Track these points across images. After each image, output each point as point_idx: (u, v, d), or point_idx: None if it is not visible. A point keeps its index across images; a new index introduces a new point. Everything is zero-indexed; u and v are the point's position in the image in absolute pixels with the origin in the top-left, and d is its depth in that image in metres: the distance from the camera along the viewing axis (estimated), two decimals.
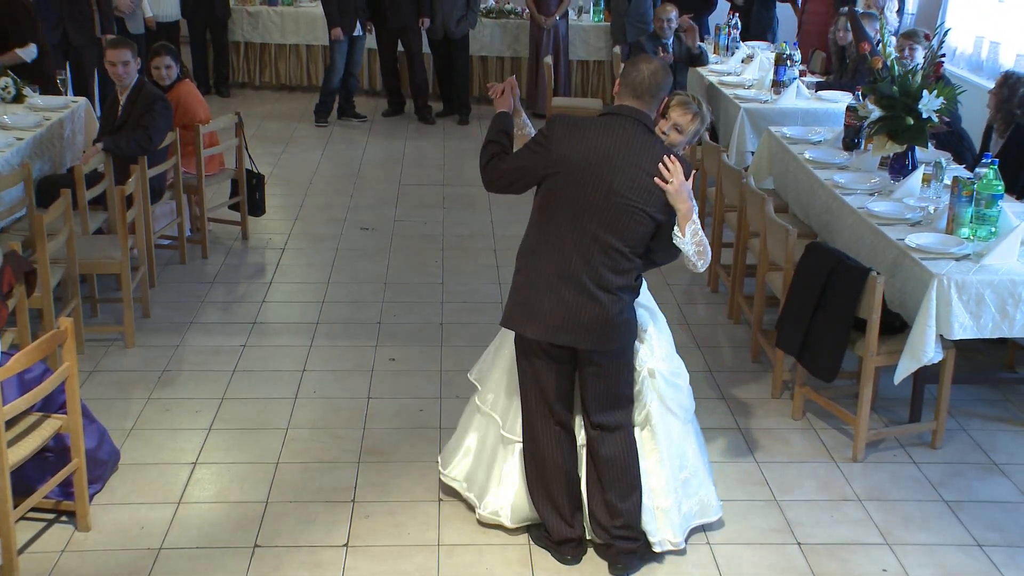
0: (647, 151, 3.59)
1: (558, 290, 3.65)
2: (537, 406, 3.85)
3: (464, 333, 5.86)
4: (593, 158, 3.58)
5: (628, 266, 3.64)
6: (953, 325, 4.41)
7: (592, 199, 3.58)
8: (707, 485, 4.04)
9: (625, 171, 3.56)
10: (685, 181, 3.58)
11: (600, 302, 3.62)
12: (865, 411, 4.61)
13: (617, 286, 3.64)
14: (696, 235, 3.62)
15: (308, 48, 11.58)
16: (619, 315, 3.66)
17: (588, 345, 3.68)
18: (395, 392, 5.20)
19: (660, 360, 3.88)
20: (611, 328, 3.66)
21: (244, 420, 4.90)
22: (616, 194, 3.56)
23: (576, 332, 3.65)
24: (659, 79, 3.63)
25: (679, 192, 3.57)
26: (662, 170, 3.57)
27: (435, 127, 10.48)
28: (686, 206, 3.58)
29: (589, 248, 3.60)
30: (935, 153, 5.80)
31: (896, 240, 4.78)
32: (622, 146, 3.58)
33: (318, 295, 6.35)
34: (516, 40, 11.19)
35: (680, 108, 3.87)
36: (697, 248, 3.65)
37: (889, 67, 5.49)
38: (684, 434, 3.96)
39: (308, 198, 8.19)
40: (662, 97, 3.67)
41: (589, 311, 3.63)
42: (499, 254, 7.03)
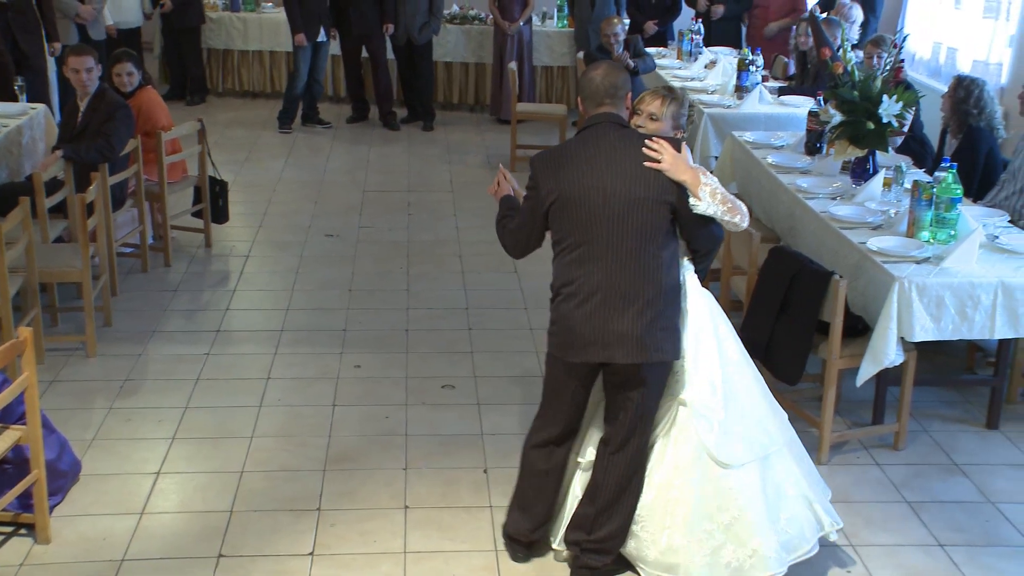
0: (628, 143, 3.55)
1: (594, 308, 3.55)
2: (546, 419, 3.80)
3: (430, 340, 5.85)
4: (579, 174, 3.54)
5: (653, 264, 3.51)
6: (914, 327, 4.45)
7: (594, 211, 3.52)
8: (767, 536, 3.64)
9: (615, 171, 3.52)
10: (678, 153, 3.50)
11: (630, 313, 3.50)
12: (829, 414, 4.64)
13: (648, 295, 3.51)
14: (716, 195, 3.49)
15: (271, 54, 11.52)
16: (651, 326, 3.51)
17: (625, 359, 3.55)
18: (360, 399, 5.17)
19: (693, 388, 3.65)
20: (648, 340, 3.52)
21: (208, 429, 4.86)
22: (615, 196, 3.51)
23: (613, 347, 3.54)
24: (612, 79, 3.61)
25: (675, 165, 3.48)
26: (648, 152, 3.51)
27: (400, 133, 10.45)
28: (688, 175, 3.48)
29: (611, 258, 3.52)
30: (896, 157, 5.86)
31: (858, 244, 4.81)
32: (603, 150, 3.55)
33: (282, 302, 6.31)
34: (480, 46, 11.19)
35: (647, 97, 3.85)
36: (725, 207, 3.51)
37: (850, 72, 5.54)
38: (731, 476, 3.63)
39: (272, 205, 8.15)
40: (623, 94, 3.62)
41: (624, 324, 3.52)
42: (465, 260, 7.02)
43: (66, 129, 6.34)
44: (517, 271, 6.70)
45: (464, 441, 4.79)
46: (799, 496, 3.78)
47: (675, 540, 3.68)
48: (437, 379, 5.39)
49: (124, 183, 6.46)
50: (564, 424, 3.79)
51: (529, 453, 3.88)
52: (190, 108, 11.07)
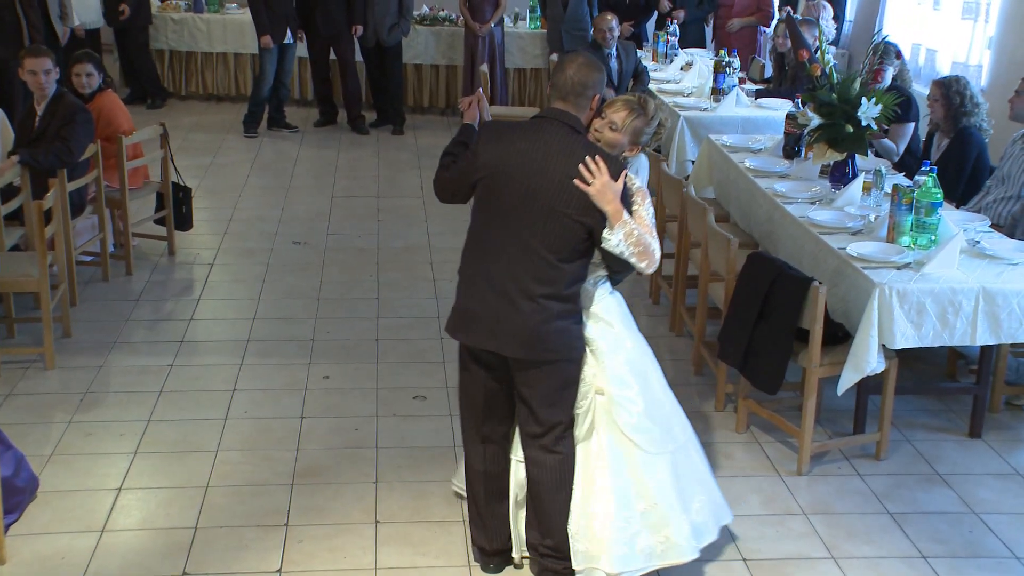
0: (570, 152, 3.53)
1: (485, 295, 3.64)
2: (467, 419, 3.88)
3: (401, 349, 5.83)
4: (513, 162, 3.57)
5: (554, 274, 3.56)
6: (895, 334, 4.47)
7: (512, 203, 3.57)
8: (679, 524, 3.81)
9: (545, 174, 3.53)
10: (612, 181, 3.49)
11: (521, 310, 3.57)
12: (809, 423, 4.66)
13: (540, 294, 3.56)
14: (631, 236, 3.53)
15: (236, 57, 11.47)
16: (543, 324, 3.58)
17: (513, 352, 3.63)
18: (329, 411, 5.15)
19: (609, 382, 3.73)
20: (535, 337, 3.59)
21: (171, 443, 4.82)
22: (535, 198, 3.53)
23: (501, 338, 3.62)
24: (583, 77, 3.59)
25: (602, 193, 3.49)
26: (582, 170, 3.50)
27: (369, 137, 10.44)
28: (612, 207, 3.49)
29: (512, 253, 3.58)
30: (875, 161, 5.90)
31: (837, 249, 4.84)
32: (542, 149, 3.55)
33: (248, 312, 6.28)
34: (451, 48, 11.19)
35: (616, 104, 3.80)
36: (635, 249, 3.55)
37: (828, 74, 5.57)
38: (648, 465, 3.76)
39: (237, 211, 8.10)
40: (590, 95, 3.61)
41: (513, 318, 3.59)
42: (436, 267, 7.00)
43: (22, 133, 6.28)
44: None
45: (436, 453, 4.78)
46: (706, 487, 3.97)
47: (598, 530, 3.76)
48: (408, 390, 5.37)
49: (83, 189, 6.41)
50: (482, 417, 3.83)
51: (466, 450, 3.94)
52: (152, 112, 11.01)
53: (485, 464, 3.89)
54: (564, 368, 3.68)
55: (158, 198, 7.15)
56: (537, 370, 3.66)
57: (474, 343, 3.72)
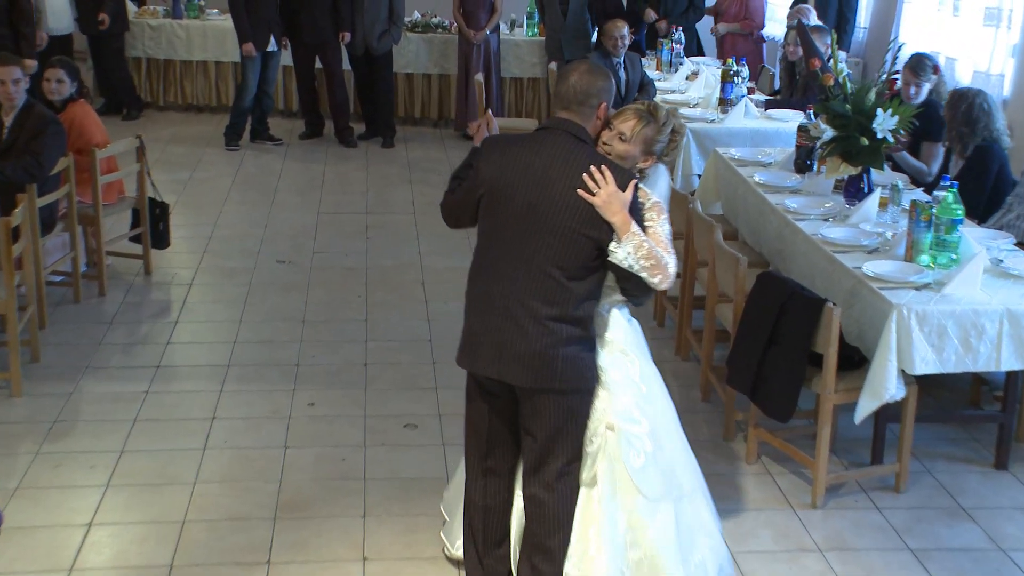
0: (573, 163, 3.52)
1: (489, 318, 3.62)
2: (471, 449, 3.86)
3: (390, 375, 5.81)
4: (513, 175, 3.56)
5: (561, 294, 3.54)
6: (915, 359, 4.46)
7: (515, 218, 3.55)
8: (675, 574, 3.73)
9: (548, 186, 3.52)
10: (618, 191, 3.48)
11: (527, 333, 3.54)
12: (824, 453, 4.65)
13: (548, 316, 3.54)
14: (641, 248, 3.49)
15: (217, 65, 11.49)
16: (550, 349, 3.55)
17: (517, 380, 3.60)
18: (314, 440, 5.13)
19: (618, 416, 3.67)
20: (542, 364, 3.55)
21: (146, 475, 4.80)
22: (538, 212, 3.52)
23: (506, 364, 3.59)
24: (586, 84, 3.60)
25: (608, 204, 3.47)
26: (586, 180, 3.49)
27: (357, 150, 10.45)
28: (619, 218, 3.48)
29: (517, 272, 3.56)
30: (892, 175, 5.90)
31: (852, 268, 4.84)
32: (544, 160, 3.55)
33: (229, 335, 6.27)
34: (444, 56, 11.22)
35: (623, 114, 3.78)
36: (646, 263, 3.50)
37: (841, 84, 5.58)
38: (649, 512, 3.69)
39: (218, 229, 8.10)
40: (594, 104, 3.61)
41: (518, 342, 3.56)
42: (428, 288, 7.00)
43: None
44: None
45: (428, 485, 4.75)
46: (711, 542, 3.86)
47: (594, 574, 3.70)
48: (398, 418, 5.35)
49: (54, 205, 6.40)
50: (486, 449, 3.80)
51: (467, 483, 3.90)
52: (127, 123, 11.03)
53: (486, 499, 3.85)
54: (573, 399, 3.63)
55: (134, 214, 7.15)
56: (544, 400, 3.62)
57: (479, 371, 3.69)
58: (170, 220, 7.21)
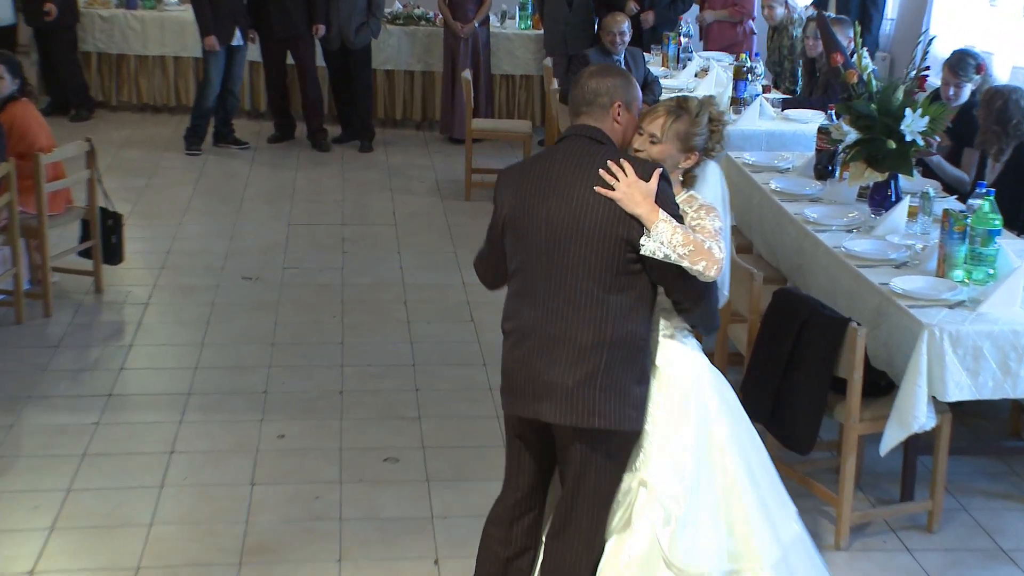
0: (590, 164, 3.53)
1: (521, 349, 3.60)
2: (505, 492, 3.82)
3: (368, 403, 5.82)
4: (530, 195, 3.57)
5: (599, 311, 3.48)
6: (948, 385, 4.47)
7: (536, 236, 3.55)
8: None
9: (564, 191, 3.52)
10: (638, 181, 3.45)
11: (560, 360, 3.50)
12: (848, 489, 4.65)
13: (586, 341, 3.48)
14: (676, 233, 3.42)
15: (176, 61, 11.51)
16: (587, 381, 3.47)
17: (550, 416, 3.54)
18: (285, 477, 5.13)
19: (654, 470, 3.57)
20: (577, 398, 3.49)
21: (96, 516, 4.78)
22: (561, 224, 3.51)
23: (539, 400, 3.55)
24: (595, 83, 3.62)
25: (629, 196, 3.45)
26: (604, 176, 3.49)
27: (332, 155, 10.46)
28: (643, 208, 3.43)
29: (550, 297, 3.54)
30: (922, 182, 5.91)
31: (879, 285, 4.85)
32: (560, 169, 3.57)
33: (189, 360, 6.26)
34: (428, 51, 11.25)
35: (651, 114, 3.73)
36: (683, 249, 3.41)
37: (866, 81, 5.60)
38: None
39: (177, 242, 8.10)
40: (605, 103, 3.60)
41: (550, 372, 3.52)
42: (410, 307, 7.00)
43: None
44: (473, 320, 6.68)
45: (411, 526, 4.76)
46: None
47: None
48: (377, 451, 5.36)
49: None
50: (514, 492, 3.78)
51: (485, 530, 3.87)
52: (76, 125, 11.01)
53: (509, 549, 3.78)
54: (611, 442, 3.55)
55: (83, 226, 7.14)
56: (577, 439, 3.55)
57: (516, 411, 3.65)
58: (124, 232, 7.20)
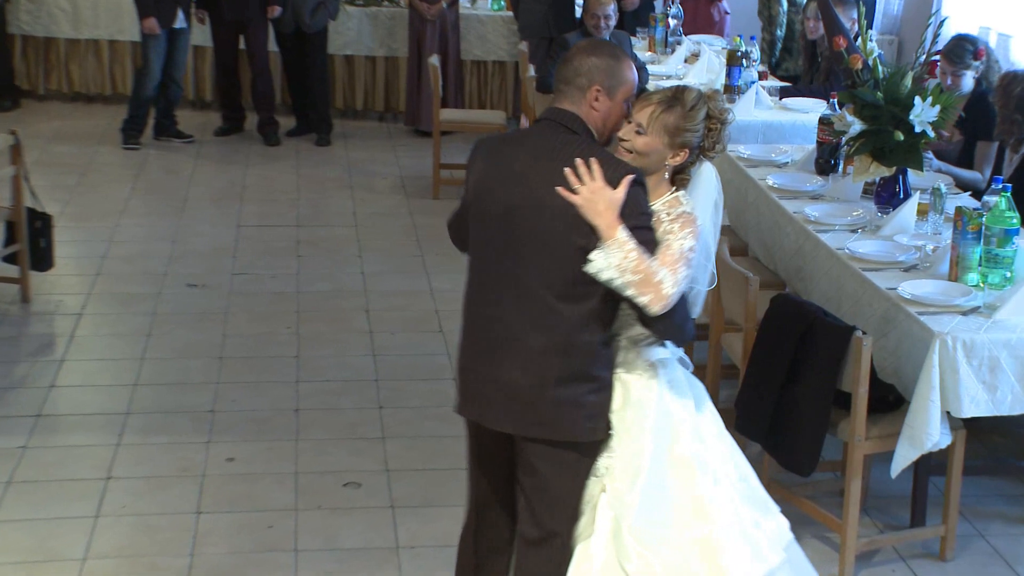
0: (559, 157, 3.53)
1: (475, 350, 3.68)
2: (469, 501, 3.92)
3: (327, 422, 5.83)
4: (494, 175, 3.62)
5: (551, 319, 3.53)
6: (962, 399, 4.49)
7: (496, 227, 3.60)
8: None
9: (527, 184, 3.55)
10: (605, 188, 3.45)
11: (510, 367, 3.57)
12: (853, 514, 4.67)
13: (535, 347, 3.54)
14: (627, 259, 3.43)
15: (112, 45, 11.45)
16: (538, 389, 3.54)
17: (502, 425, 3.63)
18: (234, 503, 5.13)
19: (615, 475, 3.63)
20: (528, 406, 3.56)
21: (23, 550, 4.77)
22: (518, 219, 3.54)
23: (490, 406, 3.64)
24: (577, 62, 3.62)
25: (590, 202, 3.45)
26: (569, 175, 3.49)
27: (285, 150, 10.42)
28: (603, 220, 3.44)
29: (503, 295, 3.59)
30: (933, 177, 5.94)
31: (886, 290, 4.88)
32: (526, 154, 3.59)
33: (128, 376, 6.25)
34: (391, 35, 11.23)
35: (642, 101, 3.72)
36: (632, 277, 3.42)
37: (871, 67, 5.63)
38: None
39: (114, 246, 8.09)
40: (583, 84, 3.60)
41: (501, 378, 3.59)
42: (373, 317, 7.01)
43: None
44: (443, 330, 6.69)
45: (374, 557, 4.77)
46: None
47: None
48: (337, 475, 5.37)
49: None
50: (475, 502, 3.86)
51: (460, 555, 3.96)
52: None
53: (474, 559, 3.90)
54: (566, 454, 3.60)
55: (7, 228, 7.12)
56: (533, 450, 3.62)
57: (466, 414, 3.74)
58: (53, 235, 7.18)
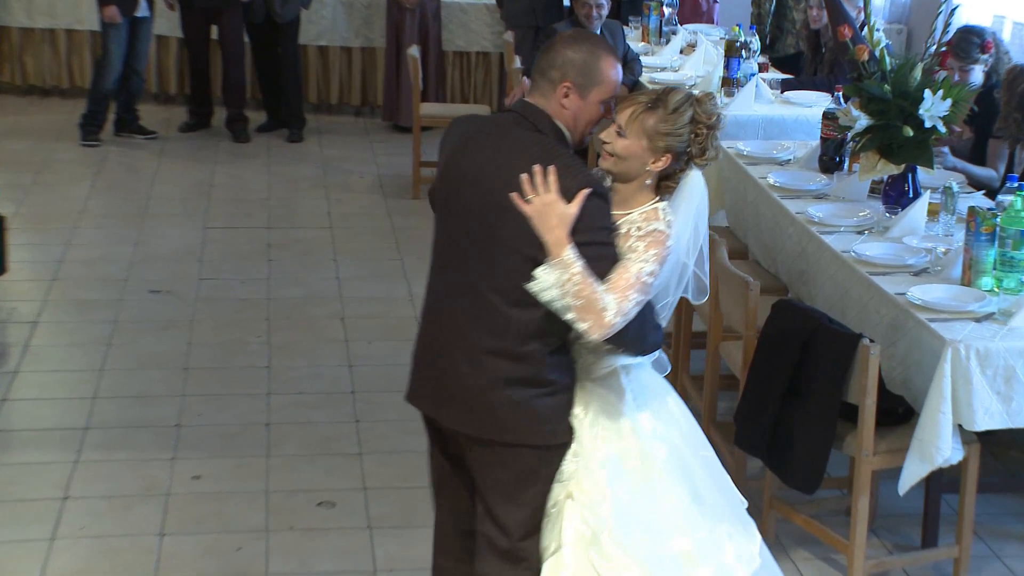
0: (518, 157, 3.56)
1: (429, 346, 3.78)
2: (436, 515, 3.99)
3: (300, 437, 5.82)
4: (457, 168, 3.67)
5: (500, 322, 3.58)
6: (975, 411, 4.49)
7: (453, 223, 3.67)
8: None
9: (483, 184, 3.59)
10: (558, 201, 3.46)
11: (460, 368, 3.65)
12: (861, 533, 4.67)
13: (484, 348, 3.60)
14: (571, 282, 3.44)
15: (69, 35, 11.44)
16: (488, 392, 3.60)
17: (454, 424, 3.71)
18: (201, 525, 5.12)
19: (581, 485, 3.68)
20: (479, 407, 3.63)
21: None
22: (474, 219, 3.60)
23: (443, 404, 3.73)
24: (552, 54, 3.62)
25: (541, 217, 3.46)
26: (524, 182, 3.50)
27: (255, 147, 10.41)
28: (552, 236, 3.46)
29: (457, 293, 3.67)
30: (944, 175, 5.95)
31: (895, 295, 4.89)
32: (488, 152, 3.62)
33: (87, 388, 6.24)
34: (368, 24, 11.23)
35: (625, 101, 3.72)
36: (574, 301, 3.44)
37: (878, 58, 5.64)
38: None
39: (72, 249, 8.07)
40: (554, 78, 3.60)
41: (452, 378, 3.68)
42: (349, 324, 7.00)
43: None
44: None
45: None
46: None
47: None
48: (310, 493, 5.37)
49: None
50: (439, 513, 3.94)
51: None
52: None
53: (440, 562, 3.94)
54: (524, 457, 3.67)
55: None
56: (487, 453, 3.69)
57: (420, 407, 3.83)
58: (7, 238, 7.15)
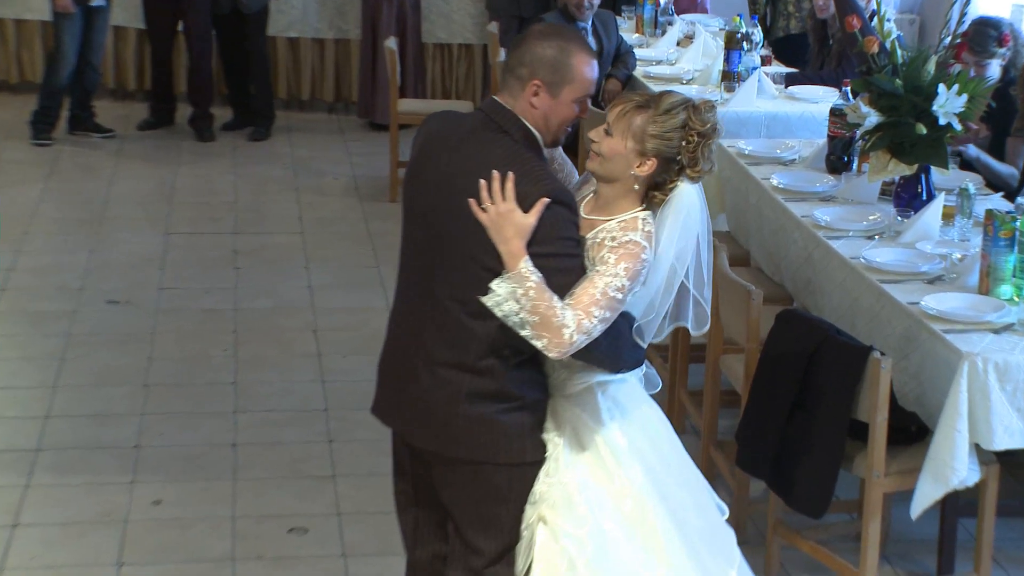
0: (479, 160, 3.60)
1: (391, 356, 3.84)
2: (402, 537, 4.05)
3: (269, 459, 5.82)
4: (421, 168, 3.73)
5: (460, 334, 3.62)
6: (994, 429, 4.50)
7: (417, 231, 3.72)
8: None
9: (445, 188, 3.63)
10: (515, 210, 3.49)
11: (419, 381, 3.69)
12: (872, 559, 4.68)
13: (443, 361, 3.64)
14: (526, 297, 3.47)
15: (19, 25, 11.41)
16: (449, 406, 3.65)
17: (416, 440, 3.78)
18: (162, 553, 5.12)
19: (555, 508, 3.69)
20: (440, 423, 3.67)
21: None
22: (434, 225, 3.66)
23: (405, 419, 3.79)
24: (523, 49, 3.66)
25: (497, 227, 3.50)
26: (482, 189, 3.53)
27: (220, 145, 10.40)
28: (507, 247, 3.49)
29: (419, 302, 3.72)
30: (960, 176, 5.95)
31: (907, 305, 4.89)
32: (454, 155, 3.66)
33: (38, 406, 6.23)
34: (341, 15, 11.22)
35: (616, 100, 3.80)
36: (529, 317, 3.48)
37: (889, 51, 5.64)
38: None
39: (22, 256, 8.05)
40: (523, 75, 3.62)
41: (411, 392, 3.73)
42: (321, 337, 6.99)
43: None
44: None
45: None
46: None
47: None
48: (280, 519, 5.36)
49: None
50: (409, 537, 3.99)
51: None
52: None
53: None
54: (489, 475, 3.70)
55: None
56: (451, 471, 3.74)
57: (384, 421, 3.88)
58: None
